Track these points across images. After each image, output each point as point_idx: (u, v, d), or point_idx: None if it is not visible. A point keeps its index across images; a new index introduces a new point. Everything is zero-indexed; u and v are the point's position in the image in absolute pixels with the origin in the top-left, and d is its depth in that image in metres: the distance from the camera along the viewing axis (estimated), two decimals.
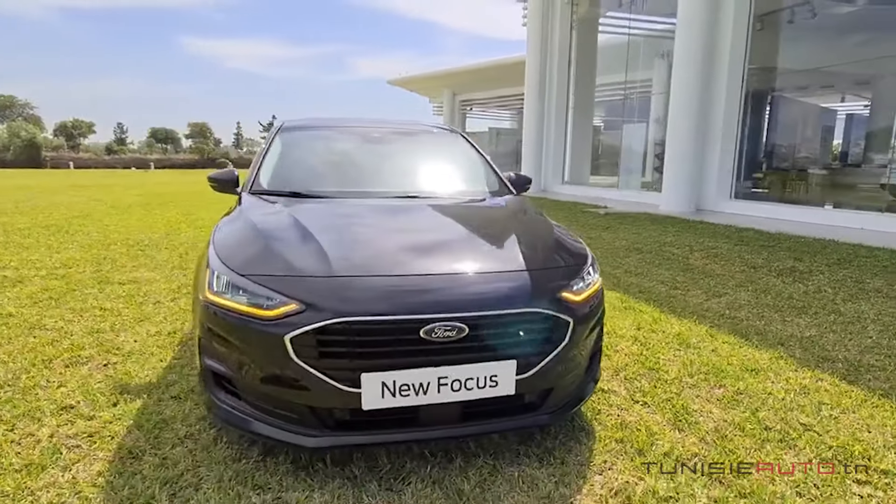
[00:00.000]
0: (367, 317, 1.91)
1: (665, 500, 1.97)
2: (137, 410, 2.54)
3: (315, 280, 2.02)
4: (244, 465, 2.11)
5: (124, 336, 3.55)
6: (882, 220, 8.75)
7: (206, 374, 2.17)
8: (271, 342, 1.93)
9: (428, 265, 2.17)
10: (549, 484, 2.05)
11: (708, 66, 10.72)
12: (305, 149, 3.66)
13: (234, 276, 2.09)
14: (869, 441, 2.37)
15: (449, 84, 30.61)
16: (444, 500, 1.95)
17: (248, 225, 2.50)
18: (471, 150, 3.82)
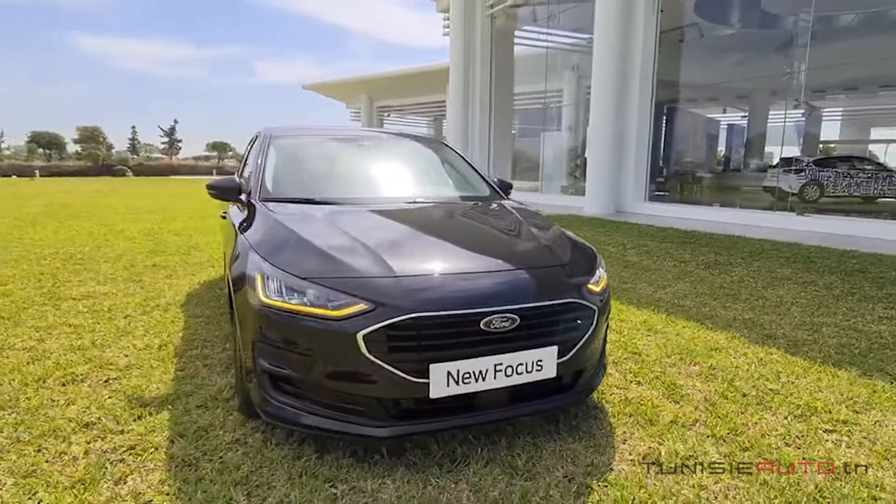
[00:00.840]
0: (434, 312, 2.08)
1: (686, 458, 2.30)
2: (169, 422, 2.52)
3: (381, 280, 2.15)
4: (306, 463, 2.19)
5: (111, 351, 3.40)
6: (770, 217, 10.06)
7: (262, 376, 2.22)
8: (343, 340, 2.05)
9: (477, 263, 2.38)
10: (588, 455, 2.31)
11: (622, 82, 11.66)
12: (306, 156, 3.71)
13: (296, 280, 2.17)
14: (824, 399, 2.86)
15: (367, 90, 30.57)
16: (503, 475, 2.15)
17: (287, 230, 2.56)
18: (457, 157, 4.05)
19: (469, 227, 3.01)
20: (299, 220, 2.71)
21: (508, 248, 2.65)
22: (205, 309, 4.37)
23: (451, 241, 2.66)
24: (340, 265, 2.25)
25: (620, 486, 2.09)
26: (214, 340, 3.63)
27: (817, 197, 15.69)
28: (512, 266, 2.39)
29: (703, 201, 16.05)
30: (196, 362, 3.25)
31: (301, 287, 2.15)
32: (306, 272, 2.20)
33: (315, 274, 2.19)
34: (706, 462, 2.27)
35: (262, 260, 2.32)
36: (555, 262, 2.49)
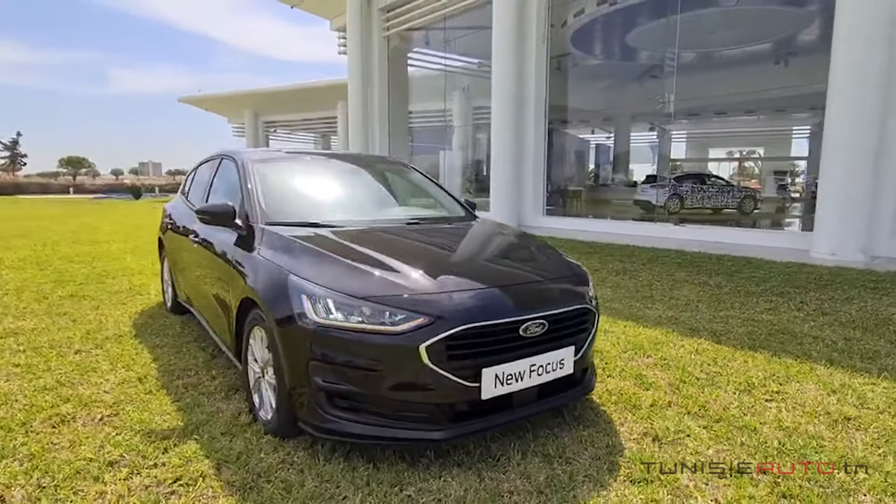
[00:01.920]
0: (486, 322, 2.33)
1: (677, 432, 2.75)
2: (202, 451, 2.49)
3: (434, 296, 2.36)
4: (364, 472, 2.32)
5: (86, 388, 3.18)
6: (653, 227, 11.46)
7: (317, 394, 2.32)
8: (405, 352, 2.23)
9: (508, 277, 2.67)
10: (601, 438, 2.69)
11: (518, 106, 12.59)
12: (292, 180, 3.73)
13: (350, 299, 2.31)
14: (756, 376, 3.51)
15: (252, 105, 29.45)
16: (542, 463, 2.45)
17: (316, 252, 2.66)
18: (426, 179, 4.30)
19: (478, 244, 3.28)
20: (322, 243, 2.81)
21: (526, 263, 2.98)
22: (164, 338, 4.16)
23: (471, 257, 2.93)
24: (388, 283, 2.42)
25: (637, 459, 2.48)
26: (195, 369, 3.53)
27: (679, 209, 17.90)
28: (537, 278, 2.72)
29: (589, 214, 17.57)
30: (190, 391, 3.16)
31: (357, 305, 2.30)
32: (359, 291, 2.35)
33: (368, 293, 2.35)
34: (693, 434, 2.74)
35: (307, 282, 2.42)
36: (566, 273, 2.87)
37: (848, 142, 8.01)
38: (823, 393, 3.24)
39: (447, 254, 2.99)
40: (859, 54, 7.84)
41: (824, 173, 8.51)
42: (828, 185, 8.37)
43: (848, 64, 7.95)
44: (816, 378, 3.47)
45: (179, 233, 4.33)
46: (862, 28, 7.81)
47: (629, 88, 24.33)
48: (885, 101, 7.87)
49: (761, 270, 7.04)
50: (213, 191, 4.00)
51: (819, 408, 3.04)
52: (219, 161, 4.11)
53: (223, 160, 4.05)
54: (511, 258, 3.10)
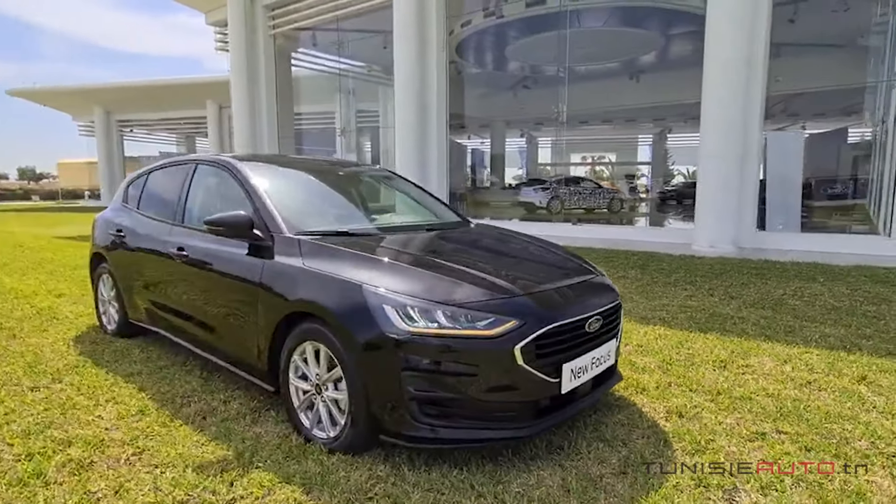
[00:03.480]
0: (565, 320, 2.48)
1: (693, 407, 3.12)
2: (277, 478, 2.33)
3: (518, 299, 2.46)
4: (458, 476, 2.34)
5: (81, 428, 2.78)
6: (555, 227, 12.35)
7: (409, 404, 2.30)
8: (500, 355, 2.31)
9: (567, 276, 2.83)
10: (637, 419, 2.97)
11: (422, 113, 12.84)
12: (300, 188, 3.53)
13: (443, 307, 2.33)
14: (721, 355, 4.05)
15: (102, 101, 26.34)
16: (607, 447, 2.65)
17: (377, 262, 2.62)
18: (415, 186, 4.31)
19: (510, 247, 3.37)
20: (374, 251, 2.76)
21: (564, 263, 3.15)
22: (132, 365, 3.71)
23: (519, 259, 3.03)
24: (470, 288, 2.47)
25: (678, 433, 2.79)
26: (195, 394, 3.22)
27: (560, 209, 19.37)
28: (586, 277, 2.91)
29: (486, 216, 18.29)
30: (210, 419, 2.90)
31: (447, 312, 2.32)
32: (445, 298, 2.38)
33: (454, 299, 2.38)
34: (705, 407, 3.13)
35: (388, 291, 2.39)
36: (601, 271, 3.11)
37: (720, 149, 9.35)
38: (779, 363, 3.85)
39: (495, 257, 3.08)
40: (725, 73, 9.21)
41: (701, 176, 9.82)
42: (704, 186, 9.68)
43: (717, 80, 9.29)
44: (765, 352, 4.10)
45: (142, 249, 3.88)
46: (727, 49, 9.17)
47: (504, 97, 25.80)
48: (745, 113, 9.33)
49: (664, 263, 7.97)
50: (194, 200, 3.65)
51: (783, 376, 3.61)
52: (192, 167, 3.76)
53: (200, 166, 3.72)
54: (550, 259, 3.23)
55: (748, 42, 9.12)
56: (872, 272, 7.30)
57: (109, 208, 4.60)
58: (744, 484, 2.34)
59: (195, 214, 3.64)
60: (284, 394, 2.78)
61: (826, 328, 4.71)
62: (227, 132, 27.40)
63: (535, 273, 2.88)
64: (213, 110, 26.74)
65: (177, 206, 3.71)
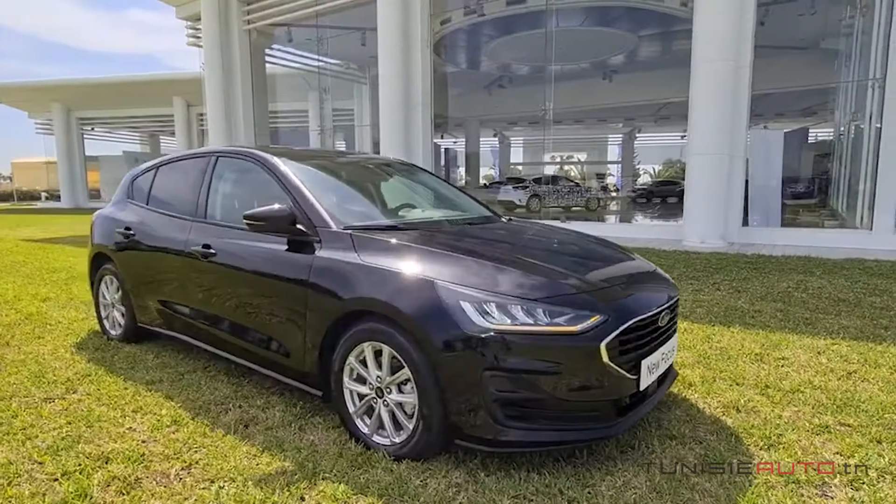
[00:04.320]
0: (645, 314, 2.38)
1: (746, 402, 3.07)
2: (350, 489, 2.16)
3: (599, 294, 2.35)
4: (542, 482, 2.21)
5: (115, 442, 2.54)
6: None
7: (492, 406, 2.16)
8: (585, 352, 2.20)
9: (630, 271, 2.72)
10: (699, 416, 2.89)
11: (407, 110, 12.67)
12: (333, 182, 3.34)
13: (524, 302, 2.20)
14: (753, 348, 4.03)
15: (62, 98, 25.20)
16: (681, 445, 2.55)
17: (452, 258, 2.47)
18: (437, 178, 4.16)
19: (562, 241, 3.23)
20: (433, 244, 2.61)
21: (625, 256, 3.04)
22: (149, 372, 3.45)
23: (580, 254, 2.91)
24: (550, 282, 2.35)
25: (744, 428, 2.73)
26: (228, 401, 3.01)
27: (539, 207, 19.44)
28: (648, 269, 2.81)
29: None
30: (253, 428, 2.70)
31: (530, 308, 2.20)
32: (526, 293, 2.25)
33: (534, 295, 2.26)
34: (757, 401, 3.08)
35: (464, 287, 2.25)
36: (653, 264, 3.02)
37: (710, 147, 9.48)
38: (813, 355, 3.85)
39: (553, 251, 2.96)
40: (711, 72, 9.34)
41: (690, 174, 9.95)
42: (693, 183, 9.81)
43: (706, 81, 9.42)
44: (794, 344, 4.11)
45: (157, 247, 3.62)
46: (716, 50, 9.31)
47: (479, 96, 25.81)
48: (734, 112, 9.49)
49: (663, 258, 8.02)
50: (217, 195, 3.42)
51: (823, 367, 3.61)
52: (211, 160, 3.53)
53: (221, 158, 3.49)
54: (607, 253, 3.11)
55: (736, 43, 9.28)
56: (863, 264, 7.50)
57: (112, 205, 4.29)
58: (832, 479, 2.28)
59: (220, 210, 3.42)
60: (337, 399, 2.60)
61: (842, 320, 4.77)
62: (196, 131, 26.56)
63: (602, 267, 2.77)
64: (180, 108, 25.87)
65: (197, 201, 3.47)
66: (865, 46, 11.59)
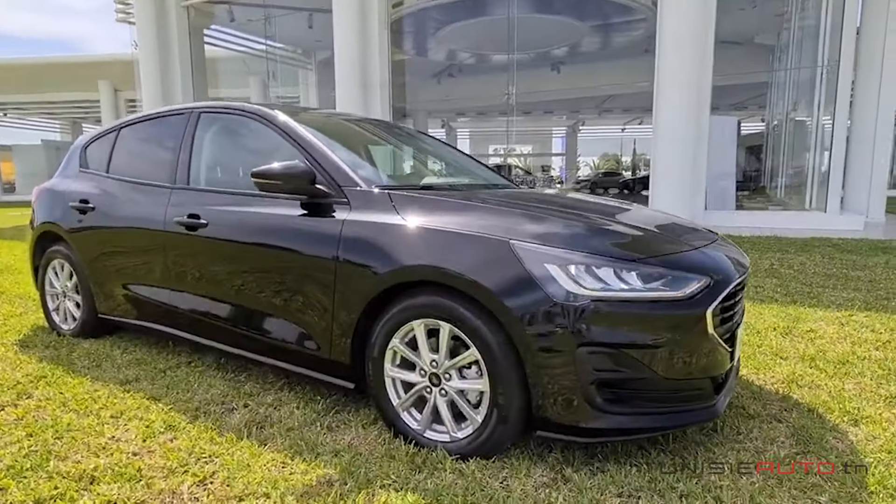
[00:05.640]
0: (738, 279, 2.09)
1: (801, 376, 2.87)
2: (423, 499, 1.75)
3: (696, 254, 2.04)
4: (642, 476, 1.89)
5: (105, 456, 2.00)
6: None
7: (587, 388, 1.81)
8: (691, 320, 1.88)
9: (704, 233, 2.41)
10: (763, 392, 2.66)
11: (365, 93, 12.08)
12: (347, 141, 2.86)
13: (621, 263, 1.86)
14: (777, 323, 3.88)
15: None
16: (754, 422, 2.30)
17: (521, 215, 2.09)
18: (442, 143, 3.76)
19: (610, 204, 2.84)
20: (497, 204, 2.22)
21: (675, 222, 2.69)
22: (119, 371, 2.87)
23: (642, 218, 2.52)
24: (644, 241, 2.04)
25: (817, 403, 2.51)
26: (228, 399, 2.50)
27: None
28: (717, 235, 2.49)
29: None
30: (273, 430, 2.22)
31: (631, 270, 1.85)
32: (626, 253, 1.91)
33: (634, 254, 1.92)
34: (809, 374, 2.88)
35: (550, 247, 1.87)
36: None
37: (676, 134, 9.51)
38: (837, 327, 3.74)
39: (619, 213, 2.55)
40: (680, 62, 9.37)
41: (656, 159, 9.97)
42: (661, 168, 9.83)
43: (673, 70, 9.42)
44: (813, 317, 3.99)
45: (126, 221, 3.02)
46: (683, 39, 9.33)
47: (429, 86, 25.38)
48: (698, 99, 9.56)
49: None
50: (202, 157, 2.88)
51: (856, 338, 3.47)
52: (191, 118, 2.96)
53: (205, 115, 2.94)
54: (658, 217, 2.75)
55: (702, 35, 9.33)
56: (831, 242, 7.70)
57: (59, 176, 3.61)
58: None
59: (207, 174, 2.88)
60: (376, 390, 2.17)
61: (842, 293, 4.74)
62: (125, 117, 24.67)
63: (681, 231, 2.41)
64: (107, 93, 23.90)
65: (176, 165, 2.91)
66: (810, 36, 12.06)
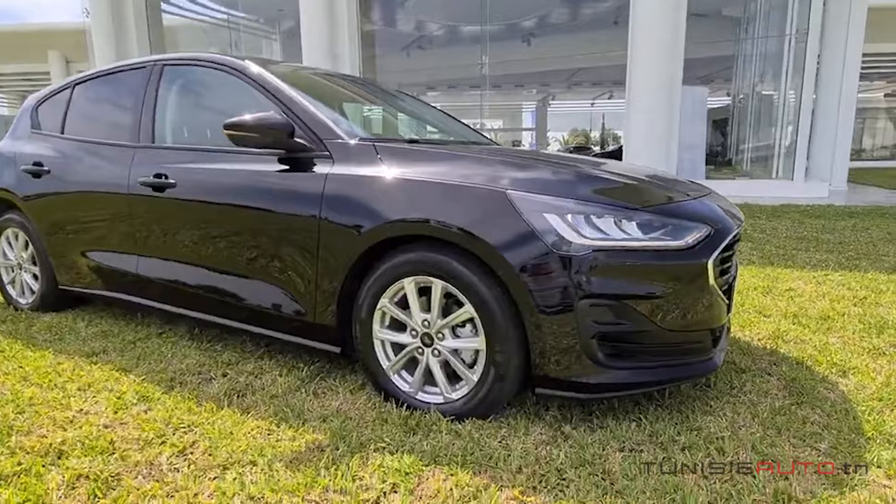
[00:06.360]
0: (736, 229, 2.05)
1: (785, 332, 2.89)
2: (420, 461, 1.67)
3: (694, 203, 1.98)
4: (642, 431, 1.85)
5: (59, 430, 1.85)
6: None
7: (589, 343, 1.74)
8: (692, 271, 1.83)
9: (697, 185, 2.35)
10: (751, 347, 2.66)
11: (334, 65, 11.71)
12: (325, 94, 2.69)
13: (626, 212, 1.79)
14: (752, 282, 3.90)
15: None
16: (745, 375, 2.29)
17: (516, 164, 2.01)
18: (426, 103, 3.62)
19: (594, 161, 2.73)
20: (488, 154, 2.11)
21: (667, 175, 2.63)
22: (91, 343, 2.69)
23: (635, 169, 2.45)
24: (640, 189, 1.96)
25: (805, 356, 2.52)
26: (205, 369, 2.37)
27: None
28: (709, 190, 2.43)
29: None
30: (254, 397, 2.11)
31: (632, 219, 1.78)
32: (625, 202, 1.83)
33: (633, 202, 1.85)
34: (795, 330, 2.90)
35: (548, 196, 1.78)
36: None
37: (651, 104, 9.51)
38: (814, 285, 3.79)
39: (606, 166, 2.48)
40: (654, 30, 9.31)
41: (630, 130, 9.97)
42: (636, 138, 9.83)
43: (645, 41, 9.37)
44: (790, 277, 4.04)
45: (87, 184, 2.81)
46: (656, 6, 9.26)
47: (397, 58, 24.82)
48: (671, 69, 9.56)
49: None
50: (168, 113, 2.68)
51: (835, 295, 3.52)
52: (153, 72, 2.74)
53: (169, 69, 2.73)
54: (657, 170, 2.68)
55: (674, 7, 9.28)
56: (799, 209, 7.86)
57: (8, 138, 3.34)
58: None
59: (174, 131, 2.69)
60: (365, 353, 2.07)
61: (815, 254, 4.82)
62: None
63: (674, 182, 2.34)
64: (57, 64, 22.63)
65: (139, 123, 2.70)
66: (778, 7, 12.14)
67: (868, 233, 5.90)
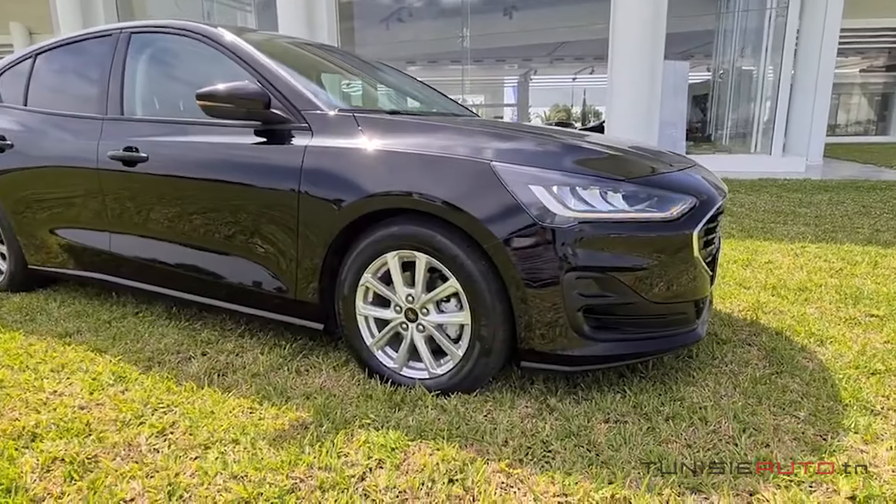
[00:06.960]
0: (720, 201, 2.04)
1: (764, 304, 2.93)
2: (394, 440, 1.65)
3: (679, 175, 1.96)
4: (626, 403, 1.86)
5: (32, 412, 1.79)
6: None
7: (575, 315, 1.74)
8: (678, 242, 1.83)
9: (679, 160, 2.33)
10: (731, 319, 2.69)
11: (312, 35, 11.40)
12: (311, 64, 2.59)
13: (611, 183, 1.76)
14: (732, 255, 3.96)
15: None
16: (728, 347, 2.32)
17: (500, 135, 1.95)
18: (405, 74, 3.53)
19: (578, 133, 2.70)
20: (473, 126, 2.06)
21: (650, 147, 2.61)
22: (64, 323, 2.61)
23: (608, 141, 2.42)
24: (625, 161, 1.93)
25: (785, 327, 2.56)
26: (189, 348, 2.32)
27: None
28: (693, 162, 2.42)
29: None
30: (235, 376, 2.07)
31: (617, 190, 1.76)
32: (610, 173, 1.81)
33: (619, 173, 1.82)
34: (774, 302, 2.94)
35: (533, 168, 1.75)
36: None
37: (634, 77, 9.46)
38: (792, 258, 3.84)
39: (590, 137, 2.45)
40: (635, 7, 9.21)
41: (611, 105, 9.92)
42: (619, 112, 9.80)
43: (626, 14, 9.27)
44: (768, 250, 4.09)
45: (53, 161, 2.69)
46: None
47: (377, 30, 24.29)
48: (654, 43, 9.50)
49: None
50: (136, 83, 2.56)
51: (812, 267, 3.57)
52: (119, 40, 2.61)
53: (136, 37, 2.60)
54: (639, 141, 2.67)
55: None
56: (777, 183, 7.95)
57: None
58: None
59: (143, 103, 2.59)
60: (348, 329, 2.04)
61: (792, 227, 4.89)
62: None
63: (658, 153, 2.32)
64: (20, 36, 21.69)
65: (107, 94, 2.58)
66: None
67: (843, 206, 5.99)
